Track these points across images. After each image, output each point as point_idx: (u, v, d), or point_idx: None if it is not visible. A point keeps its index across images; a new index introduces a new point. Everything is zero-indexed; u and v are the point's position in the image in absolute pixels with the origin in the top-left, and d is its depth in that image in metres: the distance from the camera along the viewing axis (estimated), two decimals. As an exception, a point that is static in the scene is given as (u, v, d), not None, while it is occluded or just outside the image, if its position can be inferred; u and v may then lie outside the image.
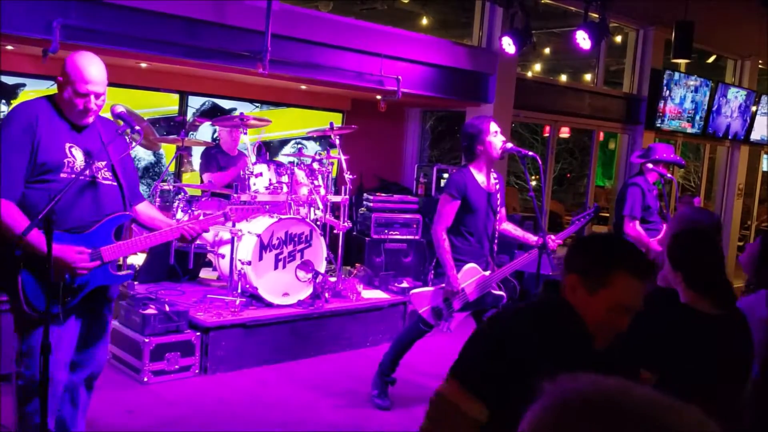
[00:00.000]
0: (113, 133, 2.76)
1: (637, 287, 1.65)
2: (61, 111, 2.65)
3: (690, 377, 2.13)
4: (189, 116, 6.51)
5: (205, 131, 6.68)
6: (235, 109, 7.01)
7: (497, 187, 3.93)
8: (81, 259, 2.57)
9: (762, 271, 2.82)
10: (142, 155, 6.36)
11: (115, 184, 2.76)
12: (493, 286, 3.88)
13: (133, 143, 3.25)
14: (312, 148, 7.48)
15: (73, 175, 2.58)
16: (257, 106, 7.18)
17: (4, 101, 5.52)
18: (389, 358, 4.10)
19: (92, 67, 2.61)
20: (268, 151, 6.97)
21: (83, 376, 2.84)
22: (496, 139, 3.79)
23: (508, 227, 4.02)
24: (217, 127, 5.83)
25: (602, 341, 1.69)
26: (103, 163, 2.72)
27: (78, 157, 2.62)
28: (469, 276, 3.79)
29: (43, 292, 2.55)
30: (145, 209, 2.94)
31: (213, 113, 6.64)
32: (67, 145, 2.62)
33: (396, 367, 4.11)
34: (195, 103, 6.65)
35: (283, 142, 7.39)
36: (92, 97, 2.60)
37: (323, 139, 7.00)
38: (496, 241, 3.99)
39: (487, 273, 3.84)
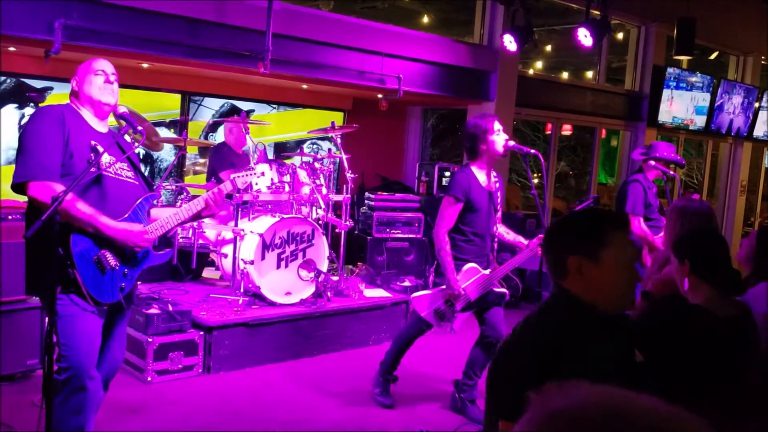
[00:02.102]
0: (121, 137, 2.85)
1: (627, 238, 1.74)
2: (83, 115, 2.74)
3: (698, 379, 2.12)
4: (209, 117, 6.57)
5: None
6: (253, 111, 7.05)
7: (497, 185, 3.93)
8: (143, 233, 2.69)
9: (762, 264, 2.81)
10: (164, 155, 6.38)
11: (137, 183, 2.85)
12: (495, 284, 3.88)
13: (136, 144, 3.28)
14: (327, 148, 7.51)
15: (100, 171, 2.65)
16: (274, 108, 7.23)
17: (32, 104, 5.54)
18: (391, 356, 4.11)
19: (94, 60, 2.82)
20: (284, 151, 6.98)
21: (102, 376, 2.84)
22: (499, 137, 3.78)
23: (501, 230, 4.01)
24: (221, 128, 5.83)
25: (629, 303, 1.74)
26: (125, 164, 2.81)
27: (104, 156, 2.68)
28: (469, 276, 3.79)
29: (102, 282, 2.62)
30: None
31: (231, 115, 6.67)
32: (92, 142, 2.69)
33: (397, 365, 4.12)
34: (214, 104, 6.66)
35: (300, 143, 7.43)
36: (111, 73, 2.78)
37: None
38: (496, 239, 3.99)
39: (488, 272, 3.84)
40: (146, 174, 3.59)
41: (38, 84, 5.58)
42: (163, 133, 6.27)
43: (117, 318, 2.83)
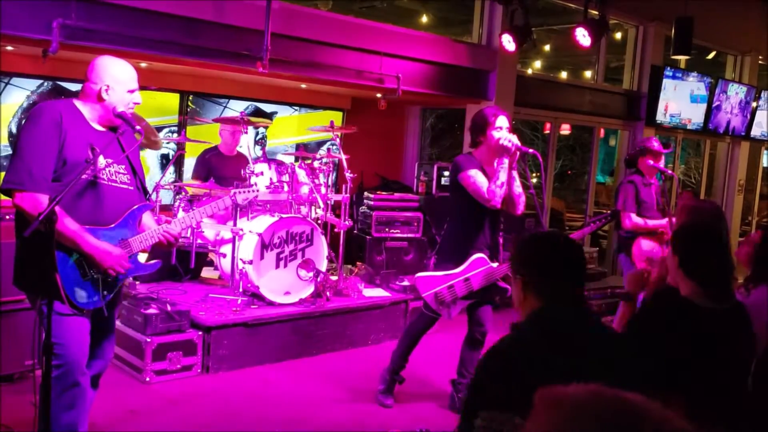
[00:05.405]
0: (130, 135, 2.81)
1: None
2: (84, 114, 2.71)
3: (688, 371, 2.14)
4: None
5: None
6: (276, 113, 7.05)
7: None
8: (123, 258, 2.66)
9: (762, 267, 2.82)
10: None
11: (132, 188, 2.81)
12: (499, 279, 3.87)
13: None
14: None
15: (94, 176, 2.62)
16: (296, 110, 7.24)
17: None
18: (398, 354, 4.09)
19: (130, 66, 2.79)
20: (306, 151, 6.99)
21: (91, 374, 2.84)
22: (498, 134, 3.75)
23: None
24: (219, 127, 5.80)
25: None
26: (122, 166, 2.78)
27: (99, 159, 2.66)
28: (477, 266, 3.77)
29: (83, 288, 2.61)
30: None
31: (257, 116, 6.66)
32: (90, 146, 2.66)
33: (406, 364, 4.11)
34: (239, 107, 6.62)
35: (320, 144, 7.45)
36: (138, 92, 2.77)
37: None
38: (501, 233, 3.97)
39: (495, 265, 3.83)
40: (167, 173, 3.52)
41: (74, 87, 5.57)
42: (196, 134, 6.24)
43: (105, 318, 2.81)
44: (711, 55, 10.30)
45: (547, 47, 10.08)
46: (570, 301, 1.78)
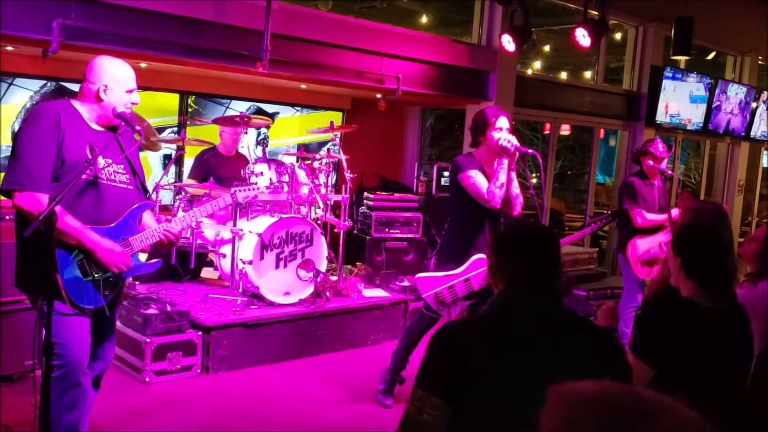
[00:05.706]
0: (130, 135, 2.82)
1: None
2: (83, 114, 2.72)
3: (688, 371, 2.15)
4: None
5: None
6: (278, 113, 7.05)
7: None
8: (125, 256, 2.67)
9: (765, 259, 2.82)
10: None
11: (131, 187, 2.82)
12: None
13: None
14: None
15: (93, 176, 2.63)
16: (298, 110, 7.26)
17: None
18: (399, 354, 4.09)
19: (128, 66, 2.80)
20: (308, 152, 7.00)
21: (92, 375, 2.84)
22: (498, 134, 3.75)
23: None
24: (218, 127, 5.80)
25: None
26: (122, 166, 2.79)
27: (99, 158, 2.67)
28: (477, 266, 3.77)
29: (84, 287, 2.62)
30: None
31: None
32: (88, 146, 2.66)
33: (406, 364, 4.10)
34: (240, 107, 6.61)
35: (322, 144, 7.47)
36: (136, 92, 2.79)
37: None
38: None
39: None
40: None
41: (76, 87, 5.58)
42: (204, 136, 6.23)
43: (106, 318, 2.81)
44: (711, 56, 10.31)
45: (546, 48, 10.08)
46: (534, 288, 1.77)
